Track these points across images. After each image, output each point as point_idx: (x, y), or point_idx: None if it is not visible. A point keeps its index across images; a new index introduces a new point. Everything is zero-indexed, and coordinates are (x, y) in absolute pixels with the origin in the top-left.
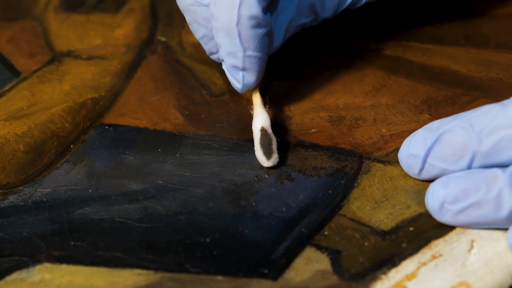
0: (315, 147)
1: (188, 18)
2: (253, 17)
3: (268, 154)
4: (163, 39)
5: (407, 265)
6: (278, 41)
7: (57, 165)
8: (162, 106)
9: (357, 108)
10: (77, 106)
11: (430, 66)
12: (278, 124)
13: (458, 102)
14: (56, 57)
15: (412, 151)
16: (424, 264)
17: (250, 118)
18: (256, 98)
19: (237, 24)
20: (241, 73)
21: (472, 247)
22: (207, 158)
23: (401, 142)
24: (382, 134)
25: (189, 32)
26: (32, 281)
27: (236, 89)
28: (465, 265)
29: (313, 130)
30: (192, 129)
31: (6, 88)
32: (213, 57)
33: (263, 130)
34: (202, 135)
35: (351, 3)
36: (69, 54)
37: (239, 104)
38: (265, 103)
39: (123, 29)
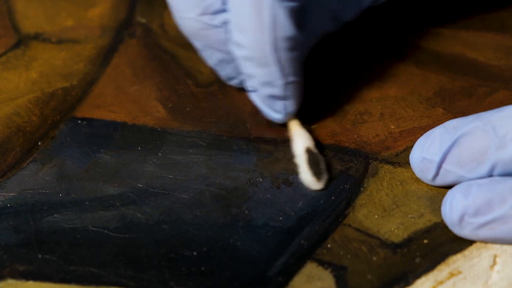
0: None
1: (198, 44)
2: (289, 39)
3: (318, 175)
4: (143, 20)
5: (422, 284)
6: (304, 57)
7: (23, 165)
8: (142, 98)
9: (362, 101)
10: (46, 96)
11: (443, 53)
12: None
13: (475, 94)
14: (22, 41)
15: (426, 154)
16: (441, 282)
17: (241, 112)
18: (293, 118)
19: (273, 50)
20: (281, 102)
21: (495, 263)
22: (193, 158)
23: (412, 140)
24: (390, 131)
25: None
26: None
27: (274, 120)
28: (487, 284)
29: (312, 126)
30: (176, 124)
31: None
32: (232, 82)
33: (308, 151)
34: (187, 131)
35: (372, 0)
36: (37, 37)
37: (229, 96)
38: (302, 122)
39: (98, 9)
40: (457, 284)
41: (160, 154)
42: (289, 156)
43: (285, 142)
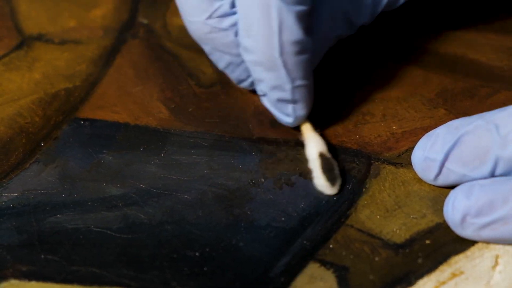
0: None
1: (207, 48)
2: (297, 43)
3: (332, 180)
4: (145, 21)
5: (424, 284)
6: (316, 61)
7: (26, 165)
8: (145, 98)
9: (364, 102)
10: (49, 97)
11: (444, 54)
12: (275, 120)
13: (477, 95)
14: (25, 41)
15: (429, 153)
16: (443, 283)
17: (244, 112)
18: (305, 123)
19: (281, 54)
20: (291, 106)
21: (497, 263)
22: (195, 158)
23: (414, 141)
24: (392, 131)
25: (175, 14)
26: None
27: (285, 124)
28: (489, 284)
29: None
30: (178, 125)
31: None
32: (243, 85)
33: (322, 156)
34: (190, 131)
35: (387, 4)
36: (40, 37)
37: (232, 96)
38: (315, 127)
39: (100, 10)
40: (459, 284)
41: (162, 154)
42: (291, 157)
43: (288, 143)
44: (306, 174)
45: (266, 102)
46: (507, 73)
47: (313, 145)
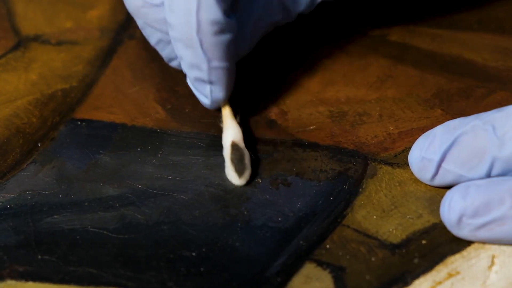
0: (314, 146)
1: (139, 23)
2: (214, 22)
3: (240, 171)
4: None
5: (420, 285)
6: (245, 46)
7: (23, 166)
8: (141, 99)
9: (361, 102)
10: (45, 98)
11: (440, 54)
12: (271, 120)
13: (472, 96)
14: (22, 42)
15: (426, 153)
16: (440, 283)
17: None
18: (225, 109)
19: (198, 32)
20: (208, 86)
21: (493, 263)
22: (192, 159)
23: (411, 141)
24: (389, 132)
25: None
26: None
27: (204, 105)
28: (485, 284)
29: (311, 127)
30: (175, 125)
31: None
32: (173, 64)
33: (234, 145)
34: (186, 132)
35: None
36: (37, 38)
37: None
38: (235, 113)
39: (97, 11)
40: (455, 284)
41: (159, 155)
42: (288, 157)
43: (284, 143)
44: (303, 174)
45: (188, 81)
46: (503, 73)
47: (229, 133)
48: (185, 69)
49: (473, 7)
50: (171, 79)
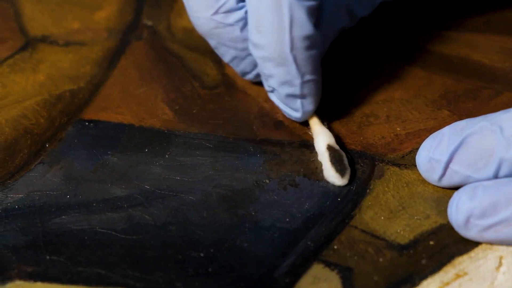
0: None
1: (212, 43)
2: (307, 38)
3: (342, 171)
4: (149, 23)
5: (428, 285)
6: (323, 54)
7: (31, 166)
8: (149, 100)
9: (368, 104)
10: (53, 99)
11: (448, 56)
12: (279, 122)
13: (479, 97)
14: (29, 43)
15: (434, 154)
16: (447, 284)
17: (248, 114)
18: (313, 117)
19: (291, 49)
20: (299, 101)
21: (500, 264)
22: (200, 159)
23: (418, 142)
24: (396, 133)
25: (179, 15)
26: None
27: (293, 119)
28: (493, 285)
29: None
30: (182, 126)
31: None
32: (248, 77)
33: (330, 148)
34: (194, 133)
35: None
36: (44, 39)
37: (236, 97)
38: (322, 120)
39: (104, 11)
40: (463, 285)
41: (167, 156)
42: (296, 158)
43: (292, 144)
44: (310, 175)
45: (274, 98)
46: (510, 74)
47: (321, 138)
48: (273, 86)
49: (481, 9)
50: (179, 80)
